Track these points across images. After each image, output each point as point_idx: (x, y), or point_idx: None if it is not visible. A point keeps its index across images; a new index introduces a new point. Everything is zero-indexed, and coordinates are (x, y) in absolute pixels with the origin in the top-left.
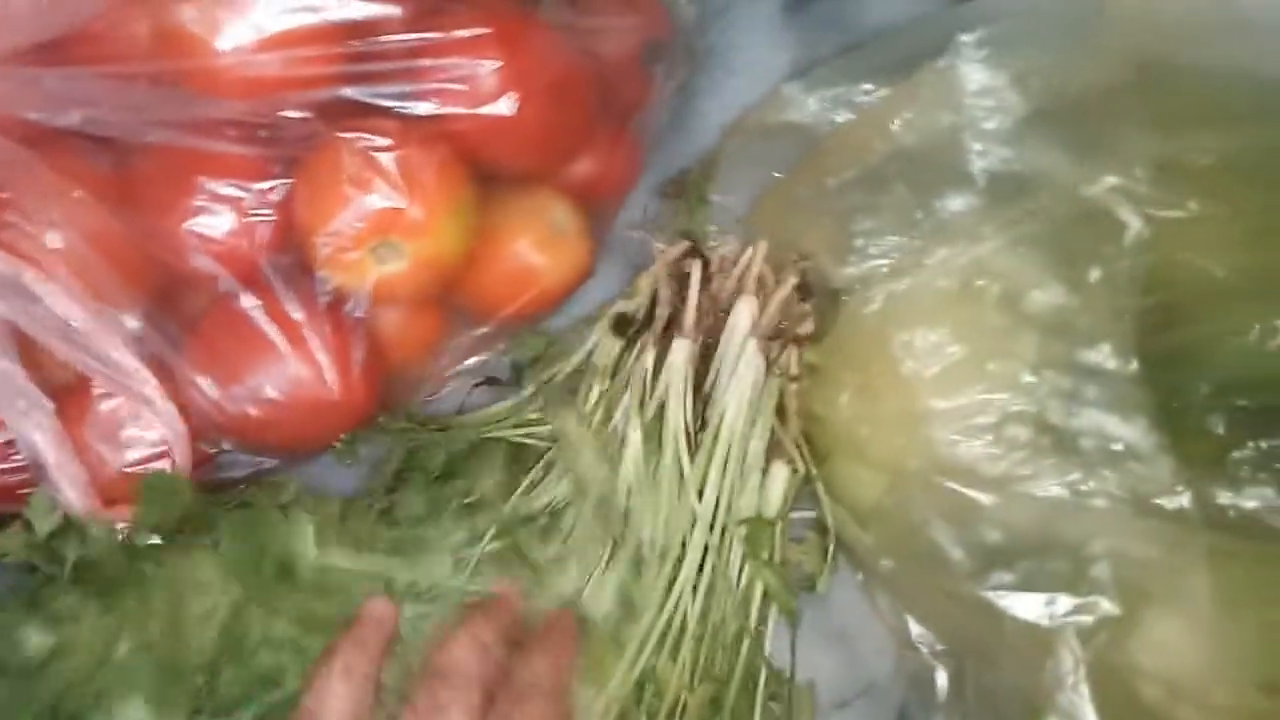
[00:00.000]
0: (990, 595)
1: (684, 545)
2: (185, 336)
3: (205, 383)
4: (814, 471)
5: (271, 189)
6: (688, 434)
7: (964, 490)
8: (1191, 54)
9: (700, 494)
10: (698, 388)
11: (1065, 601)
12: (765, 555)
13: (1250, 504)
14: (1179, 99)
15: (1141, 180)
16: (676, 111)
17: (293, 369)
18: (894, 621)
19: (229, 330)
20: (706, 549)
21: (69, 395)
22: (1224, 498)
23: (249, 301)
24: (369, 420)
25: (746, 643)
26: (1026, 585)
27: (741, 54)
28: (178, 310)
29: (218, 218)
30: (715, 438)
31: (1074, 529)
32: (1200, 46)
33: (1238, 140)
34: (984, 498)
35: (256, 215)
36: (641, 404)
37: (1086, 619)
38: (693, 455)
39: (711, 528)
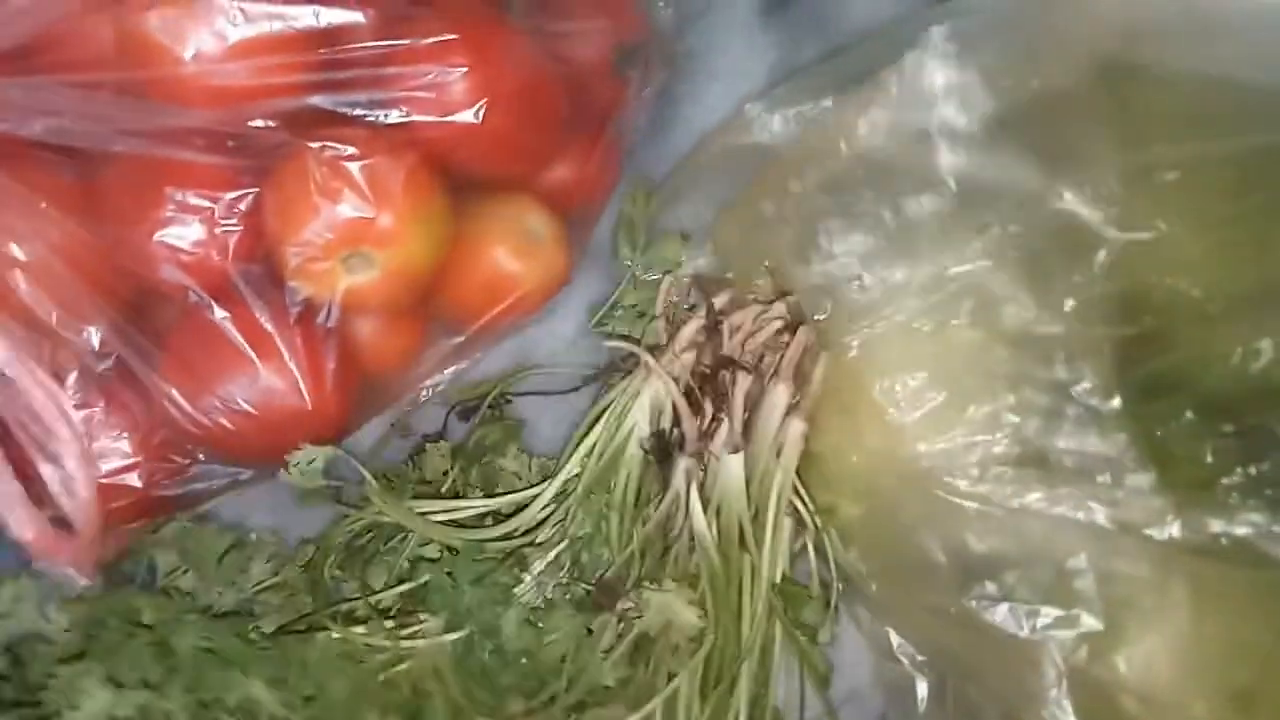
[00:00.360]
0: (973, 607)
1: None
2: (156, 348)
3: (177, 394)
4: (817, 521)
5: (240, 199)
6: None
7: (949, 500)
8: (1162, 56)
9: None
10: None
11: (1048, 614)
12: (798, 619)
13: (1242, 530)
14: (1150, 104)
15: (1110, 197)
16: (656, 116)
17: (265, 380)
18: (874, 633)
19: (200, 342)
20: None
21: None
22: (1215, 525)
23: (219, 313)
24: (344, 430)
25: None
26: (1009, 597)
27: (721, 57)
28: (148, 322)
29: (186, 228)
30: (772, 518)
31: (1058, 543)
32: (1171, 48)
33: (1205, 151)
34: (969, 508)
35: (225, 226)
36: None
37: (1069, 632)
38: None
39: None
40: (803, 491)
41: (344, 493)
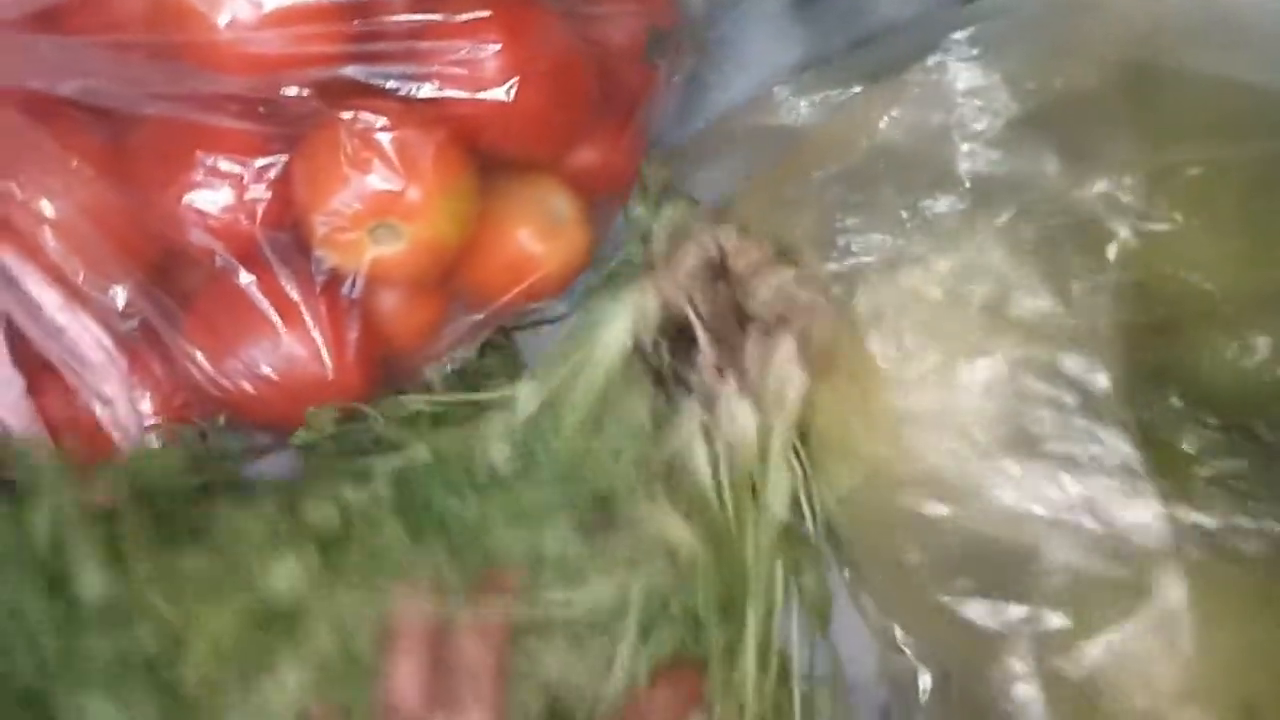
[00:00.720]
0: (949, 601)
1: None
2: (181, 310)
3: (200, 356)
4: (809, 473)
5: (270, 166)
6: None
7: (928, 494)
8: (1186, 60)
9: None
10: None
11: (1018, 610)
12: (799, 566)
13: (1212, 523)
14: (1172, 106)
15: (1131, 190)
16: (685, 105)
17: (287, 347)
18: (878, 623)
19: (225, 306)
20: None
21: None
22: (1190, 517)
23: (245, 278)
24: (363, 401)
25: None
26: (983, 592)
27: (752, 48)
28: (174, 284)
29: (215, 193)
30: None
31: (1034, 538)
32: (1195, 53)
33: (1228, 151)
34: (944, 507)
35: (254, 192)
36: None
37: (1041, 628)
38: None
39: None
40: (801, 452)
41: None
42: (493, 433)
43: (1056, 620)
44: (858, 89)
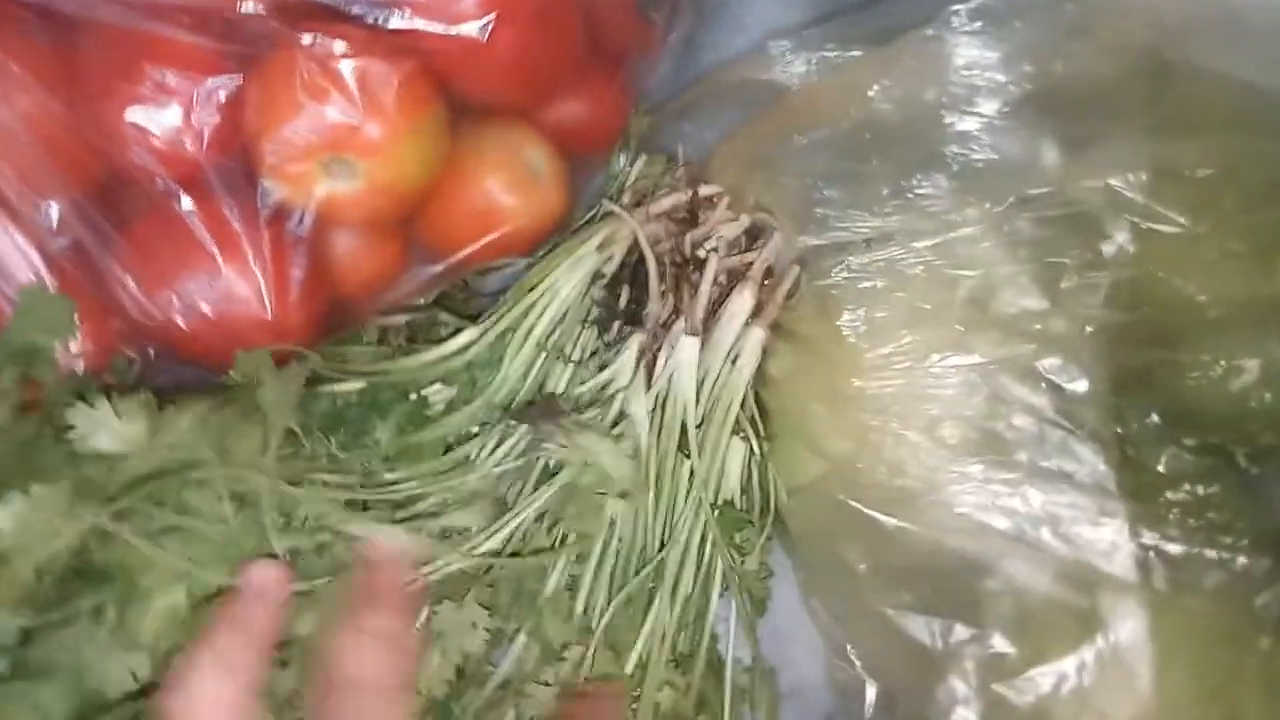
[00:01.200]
0: (894, 614)
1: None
2: (117, 235)
3: (133, 284)
4: (765, 448)
5: (221, 86)
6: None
7: (883, 496)
8: (1197, 56)
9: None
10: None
11: (961, 631)
12: (736, 540)
13: (1174, 549)
14: (1185, 103)
15: (1134, 186)
16: (678, 66)
17: (226, 281)
18: (827, 628)
19: (163, 233)
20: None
21: None
22: (1148, 538)
23: (186, 204)
24: (305, 346)
25: (708, 625)
26: (930, 609)
27: (750, 11)
28: (112, 206)
29: (162, 110)
30: (717, 426)
31: (988, 553)
32: (1206, 49)
33: (1240, 153)
34: (900, 510)
35: (203, 113)
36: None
37: (988, 651)
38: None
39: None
40: (758, 422)
41: None
42: (430, 374)
43: (1004, 644)
44: (858, 52)
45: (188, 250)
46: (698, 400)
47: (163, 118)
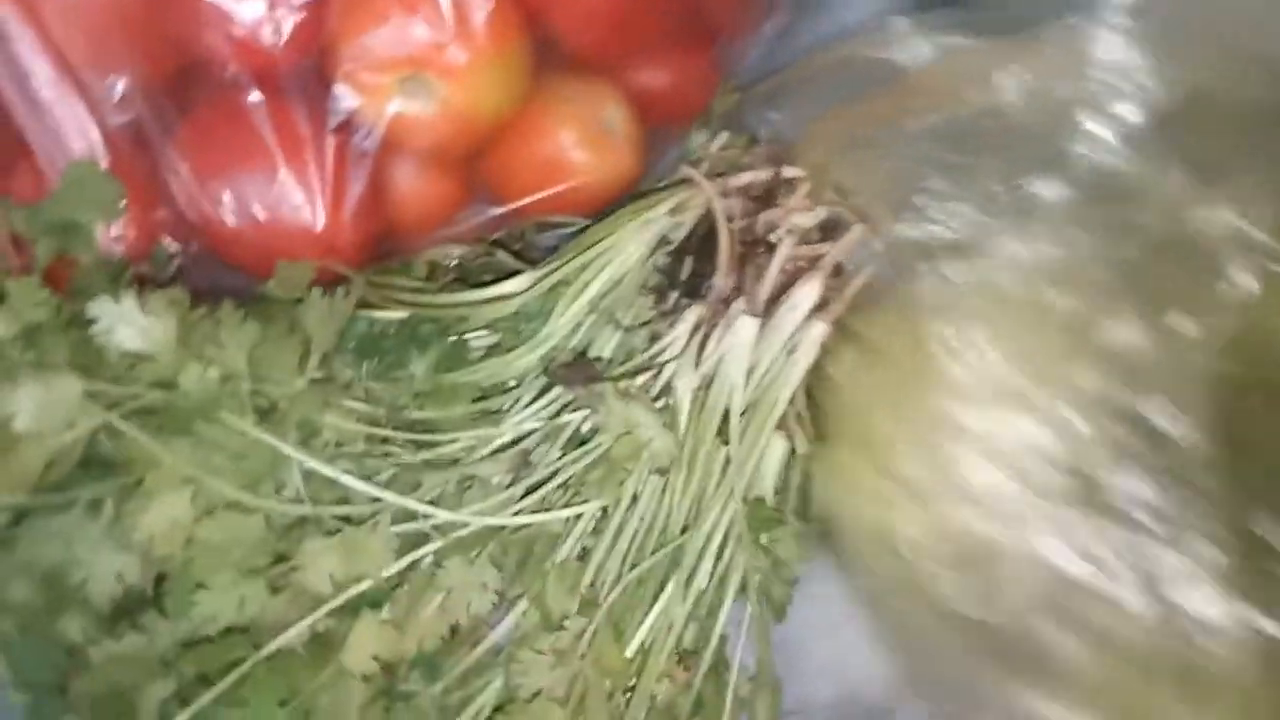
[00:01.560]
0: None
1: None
2: (179, 118)
3: (186, 172)
4: (811, 449)
5: None
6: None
7: (954, 544)
8: None
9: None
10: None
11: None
12: (764, 540)
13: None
14: None
15: (1262, 223)
16: (768, 54)
17: (281, 185)
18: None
19: (225, 125)
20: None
21: None
22: (1244, 612)
23: (254, 98)
24: (351, 265)
25: (719, 624)
26: (990, 654)
27: (851, 10)
28: (178, 89)
29: None
30: (761, 417)
31: (1068, 612)
32: None
33: None
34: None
35: (287, 6)
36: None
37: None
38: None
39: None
40: (806, 421)
41: None
42: (475, 313)
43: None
44: (984, 41)
45: (248, 146)
46: (745, 386)
47: (246, 3)
